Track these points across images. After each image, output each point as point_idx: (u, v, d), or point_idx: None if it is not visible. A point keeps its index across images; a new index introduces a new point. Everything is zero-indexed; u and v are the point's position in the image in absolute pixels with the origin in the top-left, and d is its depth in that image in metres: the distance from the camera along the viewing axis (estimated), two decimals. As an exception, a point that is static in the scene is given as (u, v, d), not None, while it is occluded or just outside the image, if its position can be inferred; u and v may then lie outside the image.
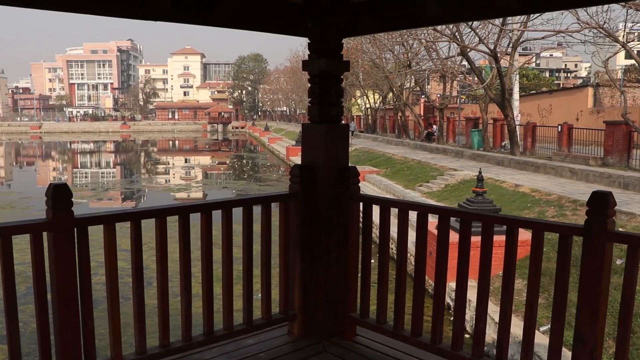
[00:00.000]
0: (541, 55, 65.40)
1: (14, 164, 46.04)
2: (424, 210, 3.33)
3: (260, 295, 3.59)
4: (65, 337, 2.74)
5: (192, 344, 3.25)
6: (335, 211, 3.63)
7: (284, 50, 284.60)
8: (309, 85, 3.74)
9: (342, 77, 3.74)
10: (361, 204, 3.64)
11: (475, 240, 2.98)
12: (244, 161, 43.93)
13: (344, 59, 3.74)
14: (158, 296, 3.10)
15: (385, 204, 3.54)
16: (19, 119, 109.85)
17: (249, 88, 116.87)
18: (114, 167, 42.39)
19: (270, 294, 3.59)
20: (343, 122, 3.80)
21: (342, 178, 3.62)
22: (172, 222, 3.10)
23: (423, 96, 43.34)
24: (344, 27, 3.67)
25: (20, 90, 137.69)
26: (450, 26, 22.65)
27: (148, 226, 2.95)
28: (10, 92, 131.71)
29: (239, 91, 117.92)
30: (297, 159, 33.24)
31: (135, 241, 2.96)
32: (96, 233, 2.89)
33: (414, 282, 3.36)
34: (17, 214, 19.14)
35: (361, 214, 3.65)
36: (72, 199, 2.72)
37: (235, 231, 3.34)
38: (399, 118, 38.22)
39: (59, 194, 2.65)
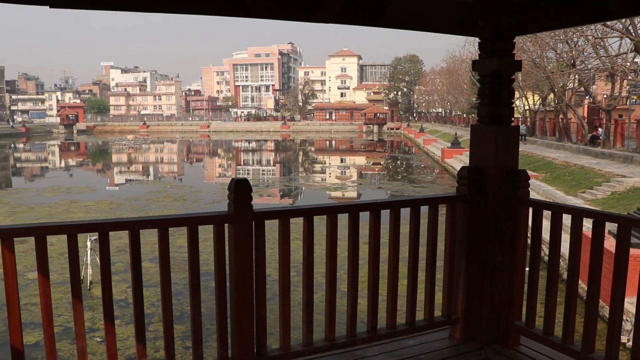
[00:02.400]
0: None
1: (185, 160, 50.37)
2: (601, 219, 3.09)
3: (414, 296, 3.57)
4: (241, 322, 2.94)
5: (356, 340, 3.31)
6: (503, 215, 3.51)
7: (440, 51, 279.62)
8: (479, 85, 3.65)
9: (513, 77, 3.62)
10: (530, 208, 3.49)
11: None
12: (398, 162, 43.91)
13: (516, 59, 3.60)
14: (326, 292, 3.20)
15: (557, 210, 3.34)
16: (190, 118, 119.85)
17: (405, 89, 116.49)
18: (273, 165, 44.59)
19: (433, 296, 3.56)
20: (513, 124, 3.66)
21: (512, 181, 3.48)
22: (340, 219, 3.19)
23: (588, 97, 40.06)
24: (516, 25, 3.53)
25: (192, 93, 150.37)
26: (623, 20, 20.71)
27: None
28: (183, 94, 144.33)
29: (395, 92, 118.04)
30: (452, 162, 32.50)
31: (307, 237, 3.08)
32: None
33: (587, 297, 3.13)
34: (188, 206, 20.87)
35: (530, 219, 3.49)
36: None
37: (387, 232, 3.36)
38: (560, 120, 35.79)
39: (240, 189, 2.86)
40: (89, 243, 11.08)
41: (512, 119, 3.61)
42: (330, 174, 35.86)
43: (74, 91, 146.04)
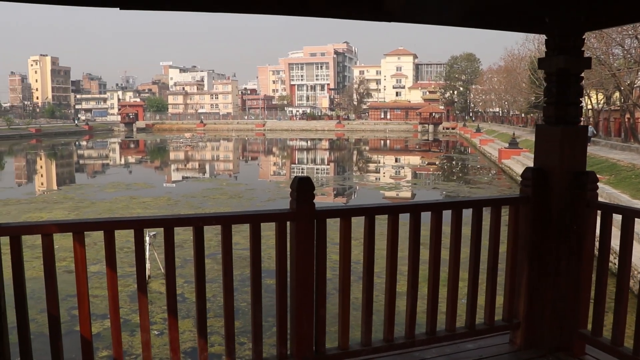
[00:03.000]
0: None
1: (241, 158, 51.13)
2: None
3: (464, 300, 3.50)
4: (300, 320, 2.96)
5: (415, 341, 3.28)
6: (568, 218, 3.39)
7: (498, 49, 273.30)
8: (537, 84, 3.54)
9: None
10: (599, 212, 3.35)
11: None
12: (454, 162, 43.21)
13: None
14: (386, 292, 3.18)
15: (630, 213, 3.19)
16: (246, 117, 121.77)
17: (461, 88, 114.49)
18: (328, 164, 44.68)
19: (494, 300, 3.48)
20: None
21: (579, 183, 3.36)
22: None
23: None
24: (585, 21, 3.40)
25: (248, 92, 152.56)
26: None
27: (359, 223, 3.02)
28: (240, 93, 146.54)
29: (451, 91, 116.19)
30: (509, 162, 31.72)
31: (368, 236, 3.07)
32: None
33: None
34: (243, 203, 21.13)
35: (598, 223, 3.36)
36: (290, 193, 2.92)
37: (445, 233, 3.30)
38: (626, 120, 34.28)
39: (303, 187, 2.88)
40: (147, 238, 11.33)
41: (580, 118, 3.47)
42: (384, 173, 35.62)
43: (134, 90, 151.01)
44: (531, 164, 3.60)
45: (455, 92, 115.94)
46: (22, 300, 2.63)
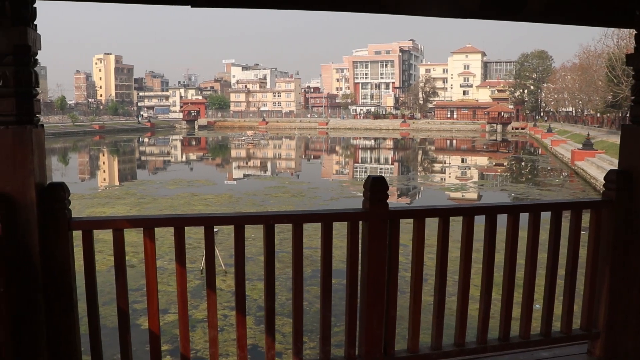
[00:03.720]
0: None
1: (303, 156, 51.45)
2: None
3: (539, 306, 3.36)
4: (370, 321, 2.92)
5: (487, 347, 3.19)
6: (656, 223, 3.19)
7: (572, 46, 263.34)
8: (634, 81, 3.34)
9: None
10: None
11: None
12: (523, 164, 41.91)
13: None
14: (458, 295, 3.11)
15: None
16: (309, 115, 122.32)
17: (532, 87, 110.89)
18: (392, 164, 44.32)
19: (572, 307, 3.33)
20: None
21: (669, 187, 3.16)
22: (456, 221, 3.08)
23: None
24: (680, 13, 3.19)
25: (311, 90, 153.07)
26: None
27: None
28: (302, 91, 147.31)
29: (520, 90, 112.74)
30: (583, 164, 30.44)
31: (442, 238, 3.01)
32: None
33: None
34: (305, 202, 21.16)
35: None
36: (357, 192, 2.89)
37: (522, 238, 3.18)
38: None
39: (376, 187, 2.83)
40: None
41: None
42: (449, 174, 35.00)
43: (196, 88, 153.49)
44: (607, 166, 3.43)
45: (526, 91, 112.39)
46: (92, 292, 2.71)
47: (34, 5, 2.48)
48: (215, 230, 9.34)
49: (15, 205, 2.42)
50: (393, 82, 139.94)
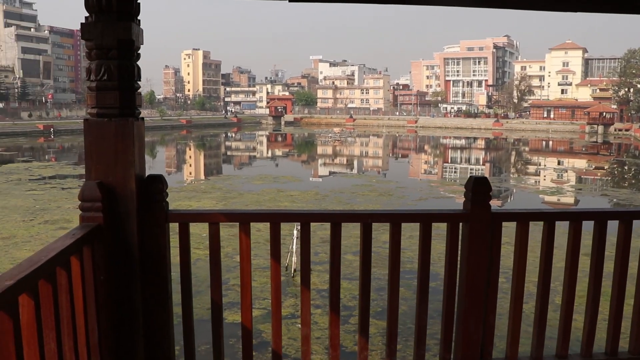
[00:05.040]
0: None
1: (390, 155, 51.00)
2: None
3: None
4: (467, 325, 2.81)
5: None
6: None
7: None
8: None
9: None
10: None
11: None
12: (626, 167, 39.43)
13: None
14: (562, 304, 2.93)
15: None
16: (397, 113, 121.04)
17: (639, 86, 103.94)
18: (483, 164, 43.10)
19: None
20: None
21: None
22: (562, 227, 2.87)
23: None
24: None
25: (400, 87, 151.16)
26: None
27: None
28: (391, 88, 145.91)
29: (626, 89, 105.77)
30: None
31: (547, 243, 2.83)
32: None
33: None
34: (393, 202, 20.89)
35: None
36: (446, 193, 2.76)
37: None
38: None
39: (479, 187, 2.71)
40: (295, 232, 11.54)
41: None
42: (544, 176, 33.53)
43: (283, 84, 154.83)
44: None
45: (632, 90, 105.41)
46: (187, 284, 2.76)
47: (138, 1, 2.54)
48: (297, 227, 9.31)
49: (116, 195, 2.49)
50: (486, 80, 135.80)
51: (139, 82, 2.60)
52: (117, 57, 2.46)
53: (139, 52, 2.60)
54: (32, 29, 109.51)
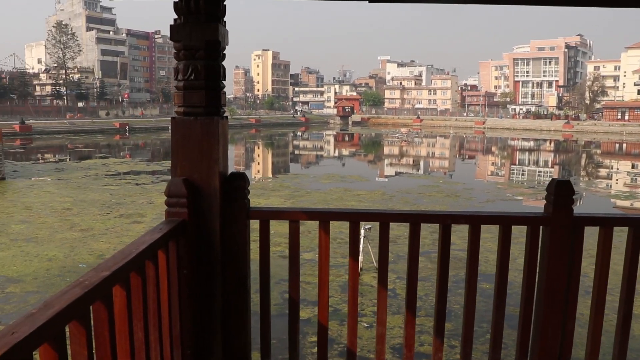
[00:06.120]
0: None
1: (457, 156, 50.04)
2: None
3: None
4: (545, 331, 2.74)
5: None
6: None
7: None
8: None
9: None
10: None
11: None
12: None
13: None
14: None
15: None
16: (465, 114, 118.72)
17: None
18: (551, 167, 41.66)
19: None
20: None
21: None
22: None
23: None
24: None
25: (468, 88, 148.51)
26: None
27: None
28: (459, 89, 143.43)
29: None
30: None
31: (632, 249, 2.72)
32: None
33: None
34: (460, 203, 20.48)
35: None
36: (514, 195, 2.69)
37: None
38: None
39: (561, 190, 2.64)
40: (362, 231, 11.48)
41: None
42: (617, 180, 32.06)
43: (351, 84, 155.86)
44: None
45: None
46: (266, 281, 2.82)
47: (224, 3, 2.61)
48: (368, 227, 9.24)
49: (200, 192, 2.58)
50: (556, 81, 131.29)
51: (223, 82, 2.68)
52: (204, 58, 2.54)
53: (224, 52, 2.67)
54: (110, 32, 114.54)
